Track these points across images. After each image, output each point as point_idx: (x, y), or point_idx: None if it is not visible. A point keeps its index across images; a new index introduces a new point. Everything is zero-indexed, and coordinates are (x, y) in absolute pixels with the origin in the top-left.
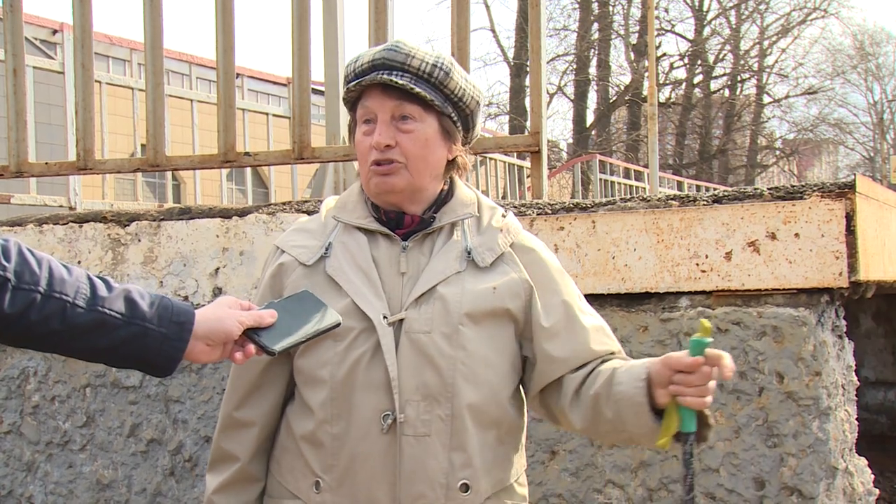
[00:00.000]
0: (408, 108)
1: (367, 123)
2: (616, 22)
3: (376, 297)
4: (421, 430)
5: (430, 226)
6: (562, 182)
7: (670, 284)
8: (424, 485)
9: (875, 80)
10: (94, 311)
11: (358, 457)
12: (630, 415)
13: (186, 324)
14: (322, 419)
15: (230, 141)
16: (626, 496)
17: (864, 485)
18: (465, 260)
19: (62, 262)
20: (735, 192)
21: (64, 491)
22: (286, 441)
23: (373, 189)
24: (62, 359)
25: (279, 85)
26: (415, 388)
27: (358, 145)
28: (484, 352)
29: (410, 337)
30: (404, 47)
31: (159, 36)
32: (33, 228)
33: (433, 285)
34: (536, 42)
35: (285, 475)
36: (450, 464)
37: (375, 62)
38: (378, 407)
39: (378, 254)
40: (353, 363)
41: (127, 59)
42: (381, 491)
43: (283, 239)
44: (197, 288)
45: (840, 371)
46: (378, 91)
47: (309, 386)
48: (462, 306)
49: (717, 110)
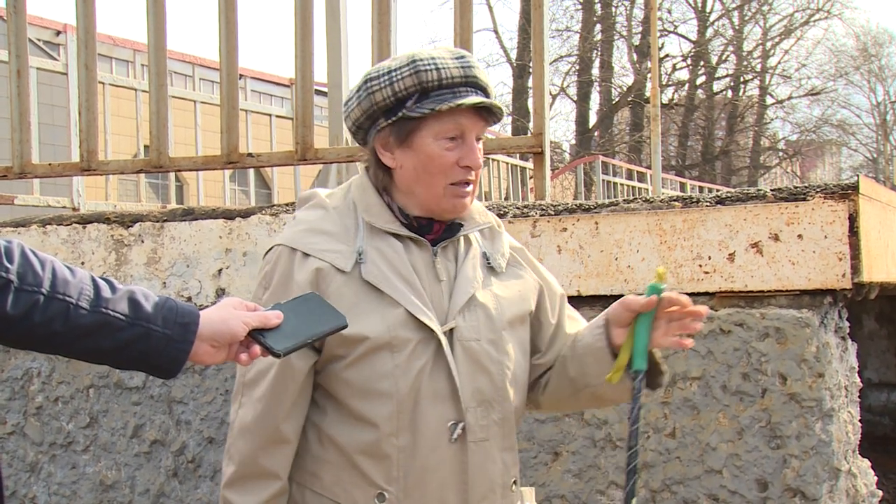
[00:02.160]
0: (485, 130)
1: (451, 140)
2: (619, 23)
3: (426, 306)
4: (480, 435)
5: (456, 233)
6: (564, 183)
7: (673, 286)
8: (487, 487)
9: (878, 82)
10: (98, 313)
11: (429, 467)
12: (592, 363)
13: (191, 325)
14: (388, 432)
15: (233, 142)
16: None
17: (867, 486)
18: (486, 266)
19: (66, 263)
20: (738, 194)
21: (67, 492)
22: (325, 454)
23: (448, 207)
24: (65, 360)
25: (282, 86)
26: (471, 394)
27: (437, 159)
28: (519, 356)
29: (464, 345)
30: (478, 65)
31: (162, 37)
32: (37, 229)
33: (472, 293)
34: (539, 43)
35: (331, 488)
36: (504, 465)
37: (469, 79)
38: (444, 416)
39: (414, 260)
40: (417, 374)
41: (130, 60)
42: (452, 498)
43: (300, 241)
44: (200, 289)
45: (843, 372)
46: (472, 111)
47: (365, 398)
48: (502, 313)
49: (719, 111)
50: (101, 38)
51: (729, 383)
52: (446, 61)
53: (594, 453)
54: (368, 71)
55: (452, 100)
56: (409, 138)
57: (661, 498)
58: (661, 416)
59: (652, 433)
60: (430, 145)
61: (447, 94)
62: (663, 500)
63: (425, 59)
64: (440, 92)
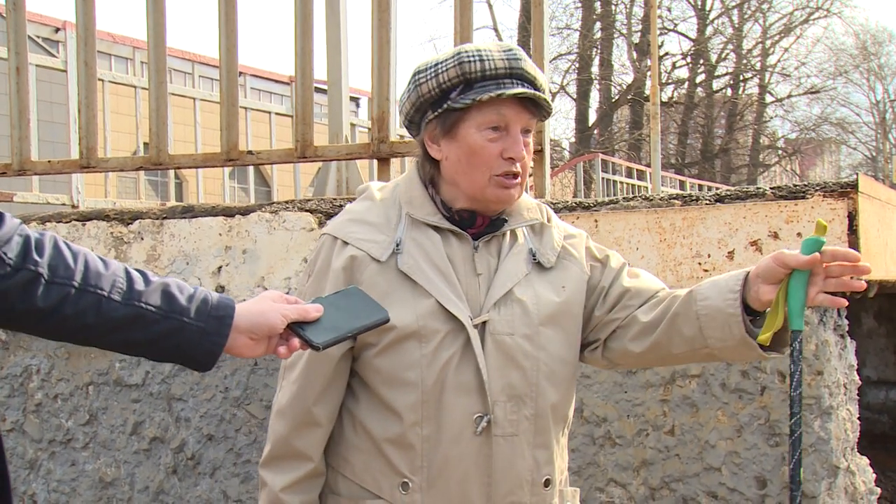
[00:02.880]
0: (532, 123)
1: (494, 131)
2: (618, 21)
3: (458, 297)
4: (509, 430)
5: (500, 227)
6: (564, 181)
7: (673, 284)
8: (513, 483)
9: (877, 80)
10: (130, 306)
11: (451, 459)
12: (717, 327)
13: (226, 318)
14: (412, 422)
15: (233, 139)
16: (628, 495)
17: (865, 484)
18: (531, 262)
19: (100, 255)
20: (737, 192)
21: (67, 489)
22: (357, 440)
23: (492, 198)
24: (65, 357)
25: (282, 83)
26: (501, 388)
27: (480, 150)
28: (561, 351)
29: (495, 339)
30: (527, 59)
31: (162, 34)
32: (36, 227)
33: (510, 288)
34: (539, 41)
35: (360, 475)
36: (535, 461)
37: (513, 71)
38: (469, 409)
39: (452, 253)
40: (444, 365)
41: (130, 57)
42: (475, 491)
43: (342, 230)
44: (199, 286)
45: (842, 370)
46: (516, 102)
47: (392, 387)
48: (540, 308)
49: (719, 109)
50: (100, 35)
51: (728, 381)
52: (492, 53)
53: (593, 451)
54: (418, 65)
55: (495, 90)
56: (454, 130)
57: (660, 495)
58: (660, 413)
59: (651, 430)
60: (473, 136)
61: (490, 85)
62: (662, 497)
63: (470, 51)
64: (484, 83)
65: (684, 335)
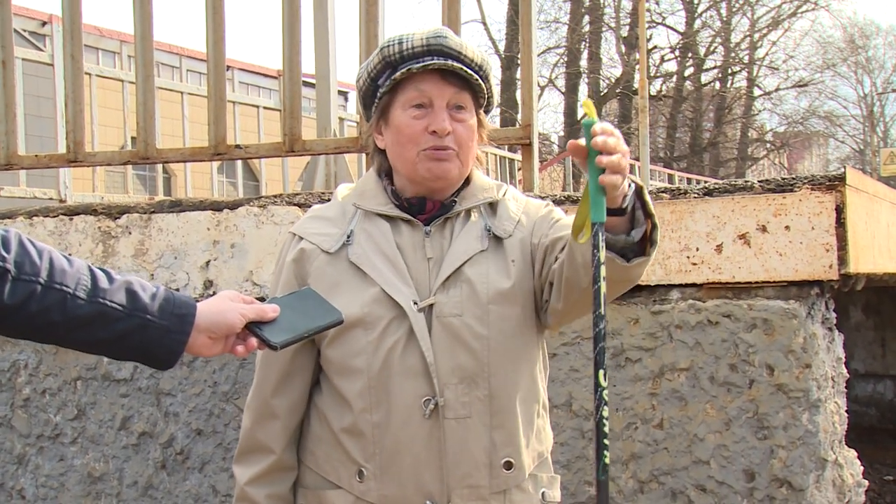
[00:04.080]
0: (463, 97)
1: (418, 108)
2: (607, 14)
3: (404, 283)
4: (461, 412)
5: (450, 210)
6: (553, 175)
7: (661, 277)
8: (469, 466)
9: (865, 73)
10: (95, 303)
11: (401, 443)
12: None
13: (188, 316)
14: (361, 409)
15: (221, 133)
16: (616, 488)
17: (853, 476)
18: (487, 238)
19: (63, 253)
20: (726, 185)
21: (55, 484)
22: (320, 431)
23: (424, 174)
24: (53, 352)
25: (270, 77)
26: (451, 371)
27: (405, 128)
28: (515, 328)
29: (442, 321)
30: (454, 37)
31: (149, 28)
32: (23, 221)
33: (457, 267)
34: (527, 34)
35: (323, 466)
36: (492, 443)
37: (431, 47)
38: (417, 393)
39: (402, 240)
40: (388, 351)
41: (117, 51)
42: (428, 475)
43: (301, 226)
44: (188, 281)
45: (830, 363)
46: (436, 77)
47: (343, 376)
48: (489, 287)
49: (707, 103)
50: (87, 29)
51: (716, 374)
52: (413, 35)
53: (583, 444)
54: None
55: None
56: (386, 115)
57: (648, 489)
58: (648, 407)
59: (640, 424)
60: (399, 117)
61: (410, 65)
62: (651, 490)
63: (393, 37)
64: (404, 64)
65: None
